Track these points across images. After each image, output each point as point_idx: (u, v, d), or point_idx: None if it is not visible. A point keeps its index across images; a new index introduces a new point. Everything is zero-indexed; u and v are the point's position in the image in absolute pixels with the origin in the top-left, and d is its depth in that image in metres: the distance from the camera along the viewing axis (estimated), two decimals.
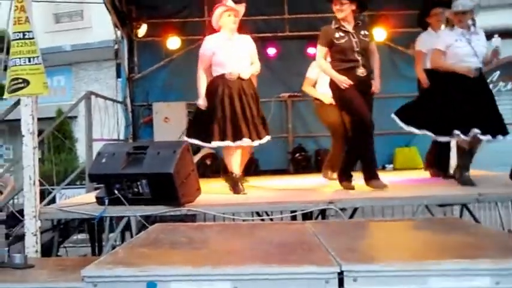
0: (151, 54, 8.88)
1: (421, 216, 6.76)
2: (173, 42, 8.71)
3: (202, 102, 5.53)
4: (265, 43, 8.93)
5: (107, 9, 7.86)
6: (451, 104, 5.27)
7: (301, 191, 5.84)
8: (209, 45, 5.59)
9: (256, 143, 5.47)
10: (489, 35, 11.68)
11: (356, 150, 5.50)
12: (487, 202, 5.39)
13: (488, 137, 5.22)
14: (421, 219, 4.22)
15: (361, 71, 5.32)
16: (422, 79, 6.16)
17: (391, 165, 8.82)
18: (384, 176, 7.12)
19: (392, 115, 5.61)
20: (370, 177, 5.31)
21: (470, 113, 5.18)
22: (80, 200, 5.17)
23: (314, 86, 6.75)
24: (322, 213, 5.58)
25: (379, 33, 8.69)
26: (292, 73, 8.94)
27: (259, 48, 8.84)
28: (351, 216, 6.15)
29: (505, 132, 5.34)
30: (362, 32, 5.40)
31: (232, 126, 5.31)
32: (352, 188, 5.30)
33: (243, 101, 5.42)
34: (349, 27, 5.40)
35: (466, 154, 5.47)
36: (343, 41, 5.36)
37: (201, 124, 5.50)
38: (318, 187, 6.00)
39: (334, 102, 5.87)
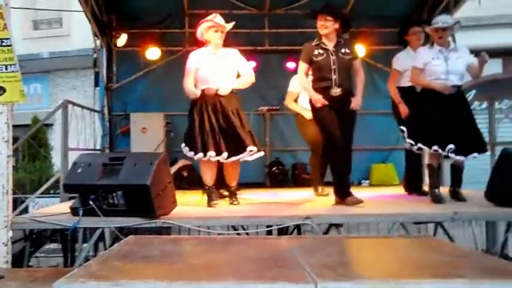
0: (130, 64, 8.84)
1: (396, 233, 6.82)
2: (153, 52, 8.69)
3: (194, 91, 5.55)
4: (244, 57, 8.94)
5: (87, 17, 7.82)
6: (428, 122, 5.33)
7: (277, 205, 5.83)
8: (193, 60, 5.61)
9: (224, 156, 5.40)
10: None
11: (332, 169, 5.55)
12: (461, 221, 5.42)
13: (461, 157, 5.28)
14: (396, 237, 4.23)
15: (335, 91, 5.34)
16: (393, 96, 6.30)
17: (367, 181, 8.87)
18: (359, 192, 7.16)
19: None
20: (343, 196, 5.32)
21: (447, 129, 5.24)
22: (53, 210, 5.09)
23: (296, 100, 6.77)
24: (298, 228, 5.58)
25: (359, 50, 8.75)
26: (271, 87, 8.98)
27: None
28: (326, 232, 6.17)
29: (482, 150, 5.39)
30: (342, 50, 5.42)
31: (201, 140, 5.38)
32: (360, 201, 5.23)
33: (217, 116, 5.44)
34: (329, 45, 5.43)
35: (435, 172, 5.56)
36: (320, 58, 5.41)
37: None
38: (295, 202, 6.00)
39: None
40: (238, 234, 5.52)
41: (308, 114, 6.23)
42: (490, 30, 12.38)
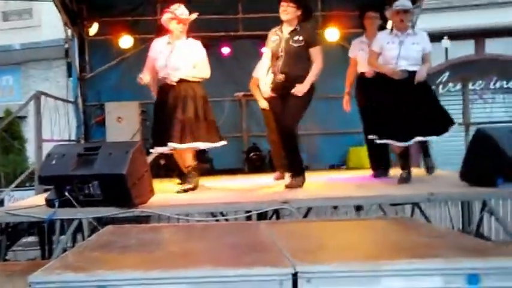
0: (103, 53, 8.73)
1: (374, 215, 6.87)
2: (125, 41, 8.59)
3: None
4: (218, 42, 8.90)
5: (57, 7, 7.68)
6: (385, 112, 5.42)
7: (255, 190, 5.83)
8: (153, 49, 5.74)
9: (188, 145, 5.47)
10: (439, 36, 12.01)
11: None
12: (437, 201, 5.48)
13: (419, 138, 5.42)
14: (374, 219, 4.26)
15: (278, 77, 5.42)
16: (348, 84, 6.68)
17: (344, 165, 8.91)
18: (337, 175, 7.24)
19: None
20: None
21: (403, 118, 5.31)
22: (29, 203, 5.03)
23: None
24: (277, 213, 5.59)
25: (333, 34, 8.77)
26: (246, 72, 8.88)
27: (213, 48, 8.88)
28: (305, 216, 6.19)
29: (440, 132, 5.46)
30: (295, 38, 5.41)
31: (159, 131, 5.54)
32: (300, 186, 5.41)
33: (176, 104, 5.48)
34: (286, 31, 5.46)
35: (401, 156, 5.68)
36: (273, 45, 5.51)
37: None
38: (273, 186, 6.01)
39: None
40: (217, 220, 5.52)
41: (263, 103, 6.25)
42: (462, 12, 12.48)
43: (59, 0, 7.56)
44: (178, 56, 5.59)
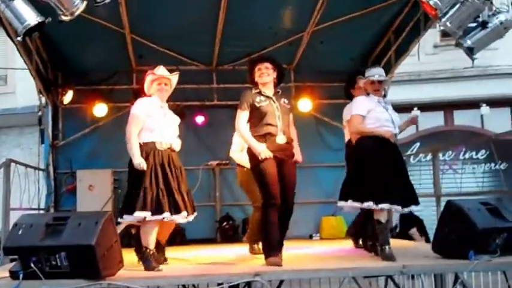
0: (77, 120, 8.74)
1: (348, 287, 6.79)
2: (100, 109, 8.62)
3: (140, 162, 5.05)
4: (193, 111, 9.00)
5: (32, 75, 7.72)
6: (372, 176, 5.26)
7: (227, 262, 5.74)
8: (143, 107, 5.26)
9: (190, 218, 5.30)
10: (409, 108, 12.30)
11: (262, 225, 5.20)
12: (410, 274, 5.44)
13: (405, 209, 5.30)
14: None
15: (281, 138, 5.18)
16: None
17: (318, 235, 8.87)
18: (310, 246, 7.19)
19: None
20: (268, 255, 5.00)
21: (391, 183, 5.22)
22: None
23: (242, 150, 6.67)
24: (249, 285, 5.48)
25: (306, 104, 8.95)
26: (220, 141, 8.97)
27: (188, 117, 8.96)
28: None
29: (417, 202, 5.41)
30: (282, 100, 5.34)
31: (168, 198, 5.03)
32: (278, 264, 4.86)
33: (173, 173, 5.18)
34: (269, 93, 5.32)
35: (385, 228, 5.31)
36: (264, 104, 5.23)
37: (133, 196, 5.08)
38: (245, 258, 5.93)
39: None
40: None
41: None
42: (430, 84, 12.88)
43: (34, 67, 7.60)
44: (172, 123, 5.39)
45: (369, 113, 5.42)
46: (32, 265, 4.20)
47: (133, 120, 5.24)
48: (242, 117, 5.31)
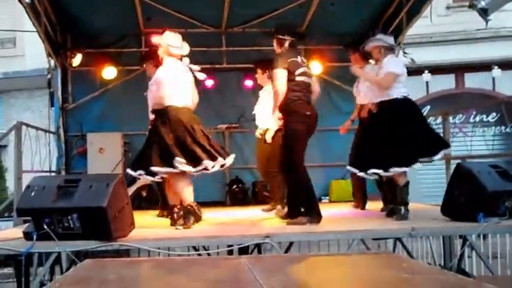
0: (86, 84, 8.72)
1: (356, 249, 6.85)
2: (109, 72, 8.60)
3: None
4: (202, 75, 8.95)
5: (41, 38, 7.68)
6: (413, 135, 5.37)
7: (237, 224, 5.79)
8: (175, 70, 5.49)
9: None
10: (420, 71, 12.18)
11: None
12: (419, 236, 5.48)
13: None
14: (355, 254, 4.24)
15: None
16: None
17: (327, 198, 8.91)
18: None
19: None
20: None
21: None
22: (6, 235, 4.95)
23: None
24: (259, 247, 5.55)
25: (315, 67, 8.86)
26: (229, 105, 9.00)
27: (196, 80, 8.91)
28: (287, 250, 6.16)
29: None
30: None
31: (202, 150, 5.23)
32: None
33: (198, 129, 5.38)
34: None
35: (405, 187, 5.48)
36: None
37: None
38: (255, 220, 5.98)
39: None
40: (199, 254, 5.46)
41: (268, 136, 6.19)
42: (442, 46, 12.71)
43: (42, 30, 7.56)
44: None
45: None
46: (45, 226, 4.27)
47: (164, 81, 5.38)
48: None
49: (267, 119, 6.20)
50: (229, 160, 5.38)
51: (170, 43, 5.53)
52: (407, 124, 5.38)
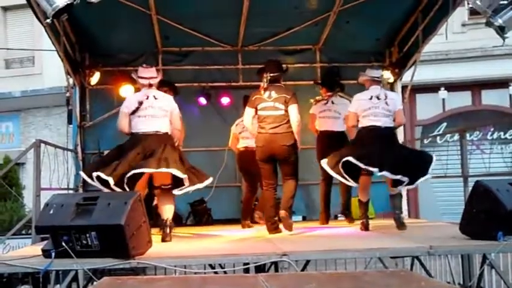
0: (104, 102, 8.79)
1: (373, 267, 6.80)
2: (126, 90, 8.64)
3: None
4: (219, 92, 9.01)
5: (59, 57, 7.78)
6: None
7: (254, 241, 5.78)
8: None
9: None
10: (436, 88, 12.13)
11: None
12: (437, 255, 5.43)
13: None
14: (373, 272, 4.22)
15: None
16: None
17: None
18: (336, 227, 7.20)
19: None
20: None
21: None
22: (25, 252, 4.97)
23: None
24: (275, 264, 5.53)
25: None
26: None
27: (213, 98, 9.01)
28: (304, 268, 6.13)
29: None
30: None
31: None
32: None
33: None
34: None
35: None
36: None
37: None
38: (272, 238, 5.96)
39: None
40: (215, 272, 5.46)
41: None
42: (458, 63, 12.68)
43: (61, 49, 7.66)
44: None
45: None
46: (63, 244, 4.29)
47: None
48: None
49: None
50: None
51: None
52: None
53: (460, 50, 12.71)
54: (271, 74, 6.42)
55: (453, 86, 12.74)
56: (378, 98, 6.21)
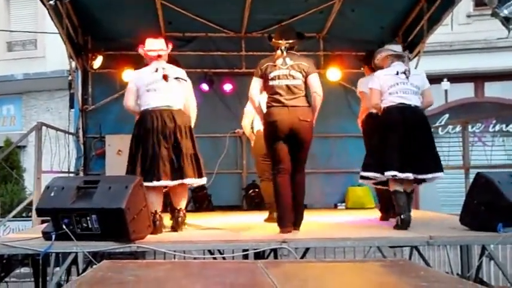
0: (106, 86, 8.77)
1: (372, 256, 6.82)
2: (129, 74, 8.63)
3: None
4: (221, 79, 8.98)
5: (62, 40, 7.76)
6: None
7: (253, 228, 5.79)
8: None
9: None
10: (439, 79, 12.10)
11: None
12: (436, 245, 5.43)
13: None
14: (372, 261, 4.23)
15: None
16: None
17: (343, 204, 8.88)
18: (336, 216, 7.21)
19: None
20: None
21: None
22: (25, 234, 4.99)
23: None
24: (275, 251, 5.54)
25: (334, 73, 8.86)
26: None
27: (215, 84, 8.98)
28: (303, 256, 6.14)
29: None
30: None
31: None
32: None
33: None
34: None
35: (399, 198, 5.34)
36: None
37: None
38: (271, 225, 5.96)
39: None
40: (214, 258, 5.47)
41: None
42: (462, 55, 12.63)
43: (64, 32, 7.63)
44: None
45: None
46: (64, 227, 4.31)
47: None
48: None
49: None
50: None
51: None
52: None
53: (464, 41, 12.65)
54: (289, 41, 5.28)
55: (456, 78, 12.70)
56: (404, 73, 5.43)
